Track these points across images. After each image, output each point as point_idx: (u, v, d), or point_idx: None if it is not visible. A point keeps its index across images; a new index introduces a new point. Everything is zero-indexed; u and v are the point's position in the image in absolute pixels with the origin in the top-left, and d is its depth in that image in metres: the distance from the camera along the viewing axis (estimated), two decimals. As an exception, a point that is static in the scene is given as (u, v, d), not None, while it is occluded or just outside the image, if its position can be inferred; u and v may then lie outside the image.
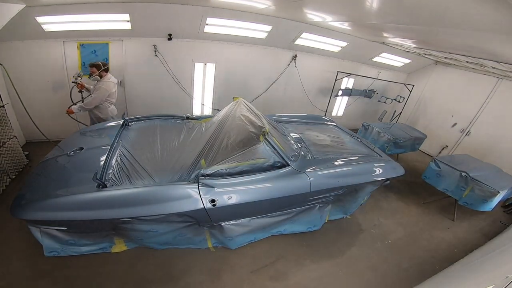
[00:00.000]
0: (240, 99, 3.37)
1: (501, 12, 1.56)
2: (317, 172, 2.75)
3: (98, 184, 2.15)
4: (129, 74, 4.53)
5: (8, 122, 3.27)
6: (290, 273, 2.66)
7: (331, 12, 3.43)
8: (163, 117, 3.55)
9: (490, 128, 5.41)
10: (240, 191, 2.41)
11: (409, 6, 2.18)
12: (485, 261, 2.56)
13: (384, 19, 2.89)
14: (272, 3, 3.57)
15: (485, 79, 5.44)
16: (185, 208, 2.23)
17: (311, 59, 5.82)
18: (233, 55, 5.11)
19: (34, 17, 3.35)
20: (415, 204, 4.22)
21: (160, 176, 2.44)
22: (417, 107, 6.98)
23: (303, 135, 3.59)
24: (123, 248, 2.58)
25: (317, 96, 6.43)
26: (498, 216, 4.27)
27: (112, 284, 2.31)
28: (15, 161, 3.39)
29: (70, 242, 2.34)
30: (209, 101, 5.48)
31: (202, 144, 2.73)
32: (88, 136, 3.12)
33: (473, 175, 3.60)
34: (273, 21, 4.50)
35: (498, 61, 3.57)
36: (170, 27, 4.31)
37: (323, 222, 3.21)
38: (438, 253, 3.26)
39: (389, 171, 3.16)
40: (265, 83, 5.74)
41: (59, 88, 4.16)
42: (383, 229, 3.51)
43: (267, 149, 2.63)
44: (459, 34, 2.56)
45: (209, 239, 2.74)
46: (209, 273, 2.54)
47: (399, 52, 5.81)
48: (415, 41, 3.95)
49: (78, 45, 4.01)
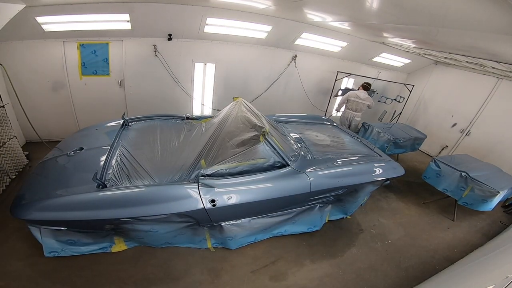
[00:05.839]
0: (240, 99, 3.37)
1: (501, 12, 1.56)
2: (317, 172, 2.75)
3: (98, 184, 2.15)
4: (129, 74, 4.53)
5: (8, 122, 3.27)
6: (290, 273, 2.66)
7: (331, 12, 3.43)
8: (163, 117, 3.55)
9: (490, 128, 5.41)
10: (240, 191, 2.41)
11: (409, 6, 2.18)
12: (485, 261, 2.56)
13: (384, 19, 2.89)
14: (272, 3, 3.57)
15: (485, 79, 5.44)
16: (185, 208, 2.23)
17: (311, 59, 5.82)
18: (233, 55, 5.11)
19: (34, 17, 3.34)
20: (415, 204, 4.22)
21: (160, 176, 2.44)
22: (417, 107, 6.98)
23: (303, 135, 3.59)
24: (123, 247, 2.58)
25: (317, 96, 6.43)
26: (498, 216, 4.27)
27: (112, 284, 2.31)
28: (15, 161, 3.39)
29: (70, 242, 2.34)
30: (209, 101, 5.48)
31: (202, 144, 2.73)
32: (88, 136, 3.11)
33: (473, 175, 3.60)
34: (273, 21, 4.51)
35: (498, 61, 3.57)
36: (170, 27, 4.31)
37: (323, 222, 3.21)
38: (438, 253, 3.26)
39: (389, 171, 3.16)
40: (265, 83, 5.74)
41: (59, 88, 4.17)
42: (383, 229, 3.51)
43: (267, 149, 2.63)
44: (459, 34, 2.56)
45: (209, 239, 2.75)
46: (209, 273, 2.54)
47: (399, 52, 5.81)
48: (415, 41, 3.95)
49: (78, 45, 4.01)
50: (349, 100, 5.27)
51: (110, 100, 4.61)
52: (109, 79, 4.46)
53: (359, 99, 5.20)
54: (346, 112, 5.42)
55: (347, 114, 5.43)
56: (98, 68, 4.31)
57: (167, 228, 2.42)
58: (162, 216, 2.23)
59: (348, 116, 5.41)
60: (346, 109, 5.41)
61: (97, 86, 4.41)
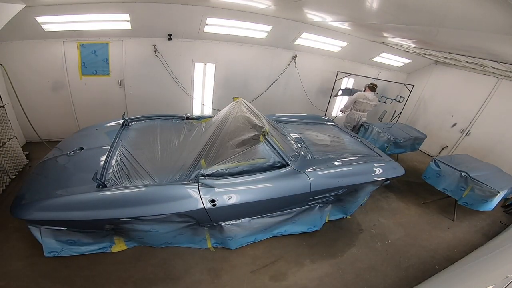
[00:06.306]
0: (240, 99, 3.37)
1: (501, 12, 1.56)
2: (317, 172, 2.75)
3: (98, 184, 2.15)
4: (129, 74, 4.53)
5: (8, 122, 3.27)
6: (290, 273, 2.66)
7: (331, 12, 3.43)
8: (163, 117, 3.55)
9: (490, 128, 5.41)
10: (240, 191, 2.42)
11: (409, 6, 2.18)
12: (485, 261, 2.56)
13: (384, 19, 2.89)
14: (272, 3, 3.57)
15: (485, 79, 5.44)
16: (185, 208, 2.23)
17: (311, 59, 5.82)
18: (233, 55, 5.11)
19: (34, 17, 3.35)
20: (415, 204, 4.22)
21: (160, 176, 2.44)
22: (417, 107, 6.98)
23: (303, 135, 3.59)
24: (123, 247, 2.58)
25: (317, 96, 6.43)
26: (498, 216, 4.27)
27: (112, 284, 2.31)
28: (15, 161, 3.39)
29: (70, 242, 2.34)
30: (209, 101, 5.48)
31: (202, 144, 2.73)
32: (88, 136, 3.11)
33: (473, 175, 3.60)
34: (273, 21, 4.51)
35: (498, 61, 3.57)
36: (170, 27, 4.30)
37: (323, 222, 3.21)
38: (438, 253, 3.26)
39: (389, 171, 3.16)
40: (265, 83, 5.74)
41: (59, 88, 4.17)
42: (383, 229, 3.51)
43: (267, 149, 2.63)
44: (459, 34, 2.55)
45: (209, 239, 2.75)
46: (209, 273, 2.54)
47: (399, 52, 5.81)
48: (415, 41, 3.95)
49: (78, 45, 4.01)
50: (358, 101, 5.26)
51: (110, 100, 4.62)
52: (109, 79, 4.46)
53: (368, 100, 5.21)
54: (354, 113, 5.42)
55: (354, 115, 5.42)
56: (98, 68, 4.31)
57: (167, 228, 2.42)
58: (162, 216, 2.23)
59: (356, 117, 5.41)
60: (353, 110, 5.42)
61: (97, 86, 4.41)
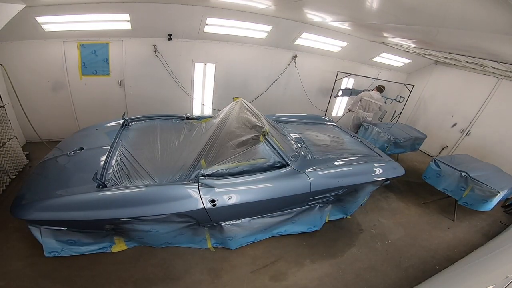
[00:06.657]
0: (240, 99, 3.37)
1: (501, 12, 1.56)
2: (317, 172, 2.75)
3: (98, 184, 2.15)
4: (129, 74, 4.53)
5: (8, 122, 3.27)
6: (290, 273, 2.66)
7: (331, 12, 3.43)
8: (163, 117, 3.55)
9: (490, 128, 5.41)
10: (240, 191, 2.42)
11: (409, 6, 2.18)
12: (485, 261, 2.56)
13: (384, 19, 2.89)
14: (272, 3, 3.57)
15: (485, 79, 5.44)
16: (185, 208, 2.23)
17: (311, 59, 5.81)
18: (233, 55, 5.11)
19: (34, 17, 3.35)
20: (415, 204, 4.22)
21: (160, 176, 2.44)
22: (417, 107, 6.97)
23: (303, 135, 3.59)
24: (123, 247, 2.58)
25: (317, 96, 6.43)
26: (498, 216, 4.27)
27: (112, 284, 2.31)
28: (15, 161, 3.39)
29: (70, 242, 2.34)
30: (209, 101, 5.48)
31: (202, 144, 2.73)
32: (88, 136, 3.11)
33: (473, 175, 3.60)
34: (273, 21, 4.50)
35: (498, 61, 3.57)
36: (170, 27, 4.30)
37: (323, 222, 3.21)
38: (438, 253, 3.26)
39: (389, 171, 3.16)
40: (265, 83, 5.74)
41: (59, 88, 4.17)
42: (383, 229, 3.51)
43: (267, 149, 2.63)
44: (459, 34, 2.56)
45: (209, 239, 2.75)
46: (209, 273, 2.54)
47: (399, 52, 5.81)
48: (415, 41, 3.95)
49: (78, 45, 4.01)
50: (362, 99, 5.34)
51: (110, 100, 4.62)
52: (109, 79, 4.46)
53: (372, 99, 5.28)
54: (359, 112, 5.49)
55: (360, 114, 5.49)
56: (98, 68, 4.31)
57: (167, 228, 2.42)
58: (162, 216, 2.23)
59: (361, 116, 5.48)
60: (359, 109, 5.48)
61: (97, 86, 4.41)
